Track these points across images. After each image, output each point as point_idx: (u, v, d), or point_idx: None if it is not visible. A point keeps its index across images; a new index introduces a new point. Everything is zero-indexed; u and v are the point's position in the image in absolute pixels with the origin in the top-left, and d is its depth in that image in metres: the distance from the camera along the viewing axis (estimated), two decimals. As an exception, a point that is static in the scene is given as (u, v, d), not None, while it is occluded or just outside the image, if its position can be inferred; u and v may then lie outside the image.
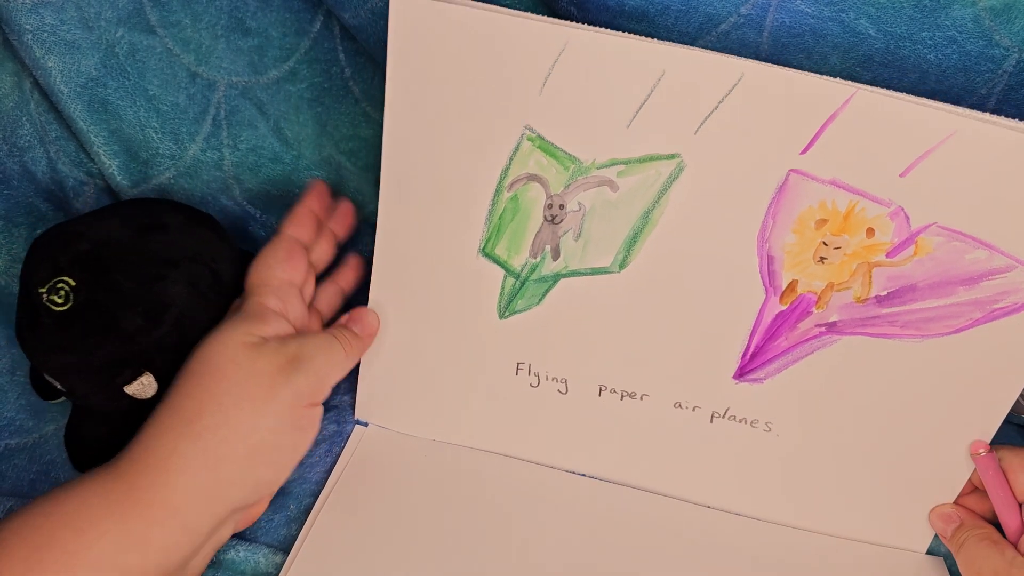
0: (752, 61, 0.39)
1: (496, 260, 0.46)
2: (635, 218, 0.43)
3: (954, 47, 0.44)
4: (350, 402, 0.52)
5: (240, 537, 0.46)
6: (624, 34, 0.40)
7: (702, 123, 0.41)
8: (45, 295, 0.43)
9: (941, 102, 0.39)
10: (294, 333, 0.44)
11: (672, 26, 0.44)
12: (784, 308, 0.44)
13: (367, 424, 0.51)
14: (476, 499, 0.48)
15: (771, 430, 0.47)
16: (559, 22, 0.40)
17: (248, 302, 0.44)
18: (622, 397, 0.48)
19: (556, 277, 0.46)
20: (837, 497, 0.48)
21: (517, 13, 0.41)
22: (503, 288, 0.46)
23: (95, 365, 0.44)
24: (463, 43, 0.41)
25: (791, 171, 0.41)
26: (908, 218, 0.41)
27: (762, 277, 0.43)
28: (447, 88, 0.42)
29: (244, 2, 0.52)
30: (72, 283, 0.44)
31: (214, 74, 0.54)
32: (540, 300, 0.46)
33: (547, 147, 0.43)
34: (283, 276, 0.45)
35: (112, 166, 0.55)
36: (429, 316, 0.48)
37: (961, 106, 0.39)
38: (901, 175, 0.40)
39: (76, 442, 0.48)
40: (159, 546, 0.38)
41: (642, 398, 0.47)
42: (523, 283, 0.46)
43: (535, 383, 0.48)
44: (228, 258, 0.48)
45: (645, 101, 0.41)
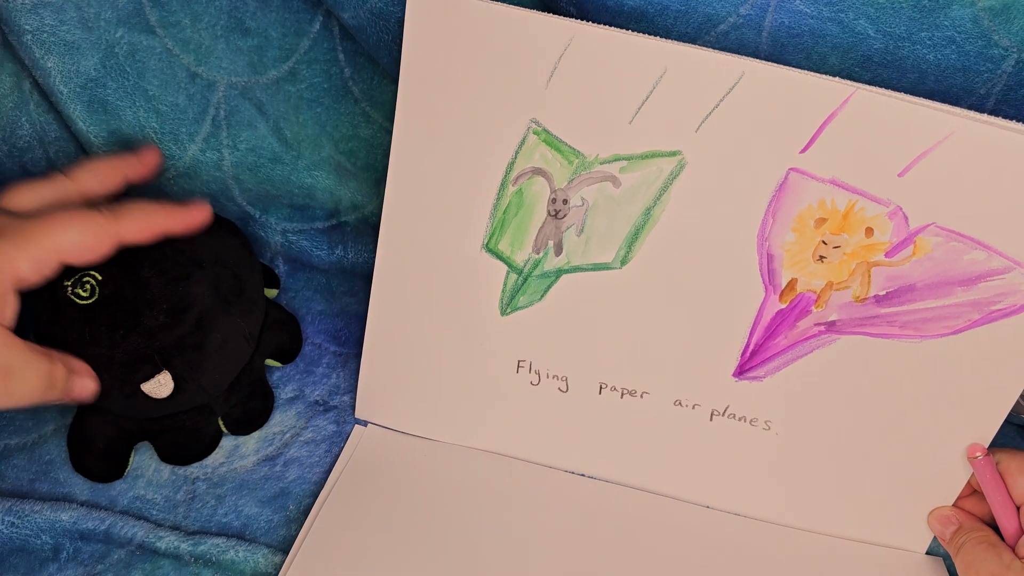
0: (753, 60, 0.40)
1: (499, 256, 0.46)
2: (637, 214, 0.44)
3: (953, 47, 0.44)
4: (350, 402, 0.52)
5: (240, 537, 0.45)
6: (629, 32, 0.41)
7: (703, 121, 0.41)
8: (70, 288, 0.43)
9: (940, 102, 0.39)
10: None
11: (671, 26, 0.45)
12: (784, 306, 0.44)
13: (366, 424, 0.51)
14: (476, 499, 0.48)
15: (770, 428, 0.47)
16: (566, 18, 0.41)
17: None
18: (622, 395, 0.48)
19: (558, 273, 0.46)
20: (836, 496, 0.48)
21: (525, 9, 0.41)
22: (505, 284, 0.46)
23: (116, 359, 0.44)
24: (475, 36, 0.42)
25: (791, 170, 0.42)
26: (907, 218, 0.41)
27: (762, 275, 0.44)
28: (458, 80, 0.43)
29: (244, 2, 0.52)
30: (99, 277, 0.44)
31: (214, 74, 0.54)
32: (542, 296, 0.46)
33: (552, 141, 0.43)
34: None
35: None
36: (431, 313, 0.48)
37: (960, 106, 0.39)
38: (900, 175, 0.41)
39: (79, 442, 0.48)
40: None
41: (642, 396, 0.48)
42: (525, 279, 0.46)
43: (535, 381, 0.48)
44: (248, 264, 0.49)
45: (647, 98, 0.41)
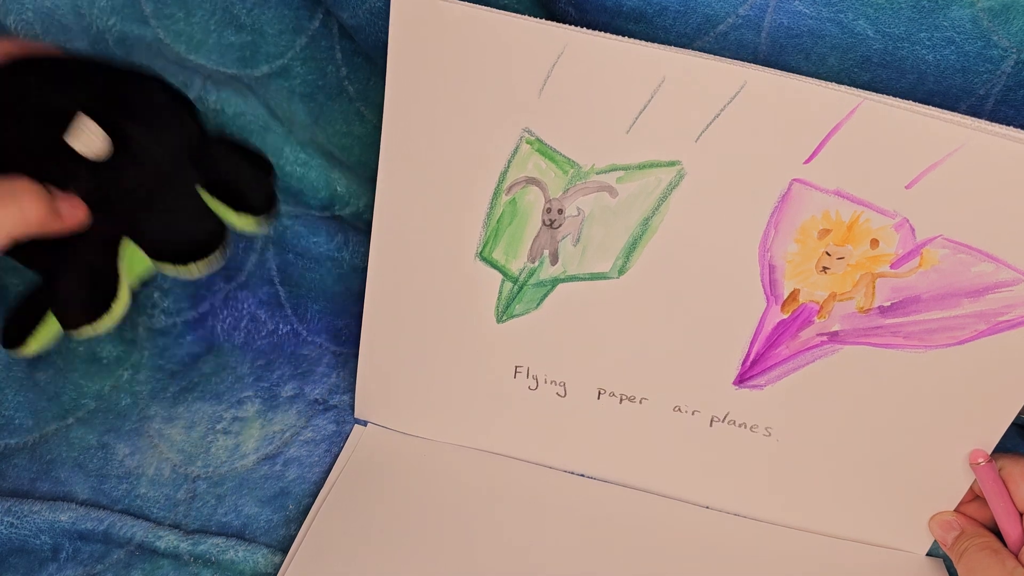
0: (755, 68, 0.38)
1: (494, 264, 0.45)
2: (634, 225, 0.43)
3: (952, 48, 0.43)
4: (349, 402, 0.52)
5: (240, 537, 0.46)
6: (624, 38, 0.39)
7: (703, 131, 0.40)
8: None
9: (948, 112, 0.37)
10: None
11: (670, 27, 0.44)
12: (785, 317, 0.43)
13: (366, 424, 0.51)
14: (475, 499, 0.48)
15: (771, 435, 0.47)
16: (558, 25, 0.39)
17: None
18: (621, 400, 0.47)
19: (554, 282, 0.45)
20: (837, 503, 0.48)
21: (516, 15, 0.40)
22: (501, 292, 0.46)
23: (31, 121, 0.36)
24: (463, 43, 0.40)
25: (794, 180, 0.40)
26: (913, 230, 0.40)
27: (763, 286, 0.43)
28: (446, 88, 0.42)
29: None
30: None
31: (202, 62, 0.53)
32: (538, 305, 0.46)
33: (546, 151, 0.42)
34: None
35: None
36: (426, 319, 0.47)
37: (959, 107, 0.38)
38: (907, 187, 0.39)
39: (63, 288, 0.40)
40: None
41: (641, 402, 0.47)
42: (521, 288, 0.45)
43: (533, 386, 0.48)
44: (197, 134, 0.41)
45: (645, 107, 0.40)
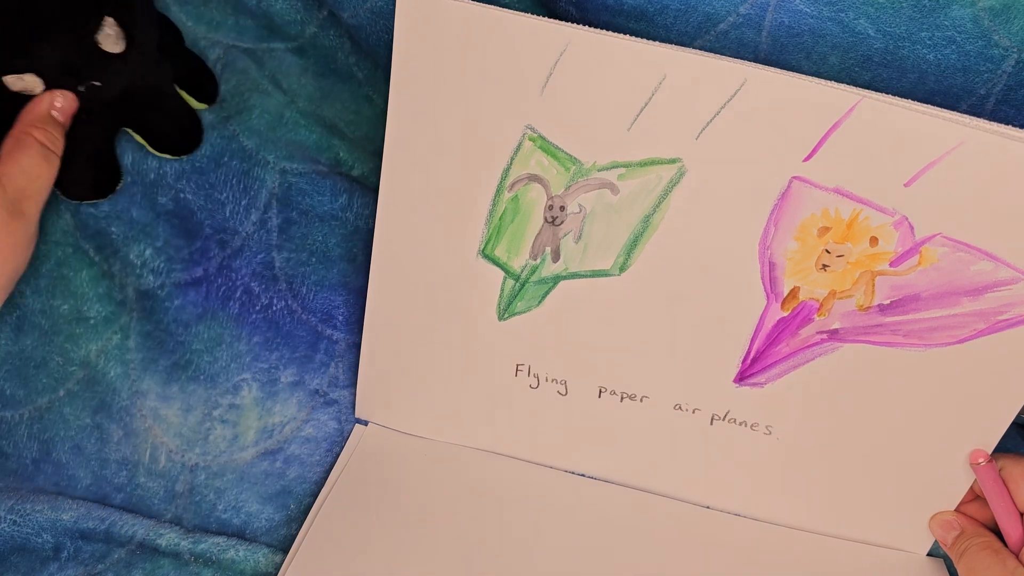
0: (755, 66, 0.39)
1: (496, 262, 0.45)
2: (636, 222, 0.43)
3: (953, 47, 0.43)
4: (349, 398, 0.52)
5: (240, 537, 0.46)
6: (626, 36, 0.39)
7: (704, 128, 0.40)
8: None
9: (948, 111, 0.38)
10: None
11: (671, 25, 0.44)
12: (785, 315, 0.44)
13: (367, 423, 0.51)
14: (476, 499, 0.48)
15: (771, 433, 0.47)
16: (561, 23, 0.40)
17: None
18: (622, 399, 0.47)
19: (556, 279, 0.45)
20: (837, 501, 0.48)
21: (519, 13, 0.40)
22: (503, 290, 0.46)
23: (64, 19, 0.43)
24: (467, 41, 0.41)
25: (794, 178, 0.40)
26: (912, 228, 0.40)
27: (763, 283, 0.43)
28: (450, 85, 0.42)
29: None
30: None
31: (220, 38, 0.55)
32: (540, 302, 0.46)
33: (548, 148, 0.42)
34: None
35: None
36: (428, 317, 0.47)
37: (960, 106, 0.38)
38: (906, 184, 0.39)
39: (64, 169, 0.47)
40: None
41: (642, 400, 0.47)
42: (523, 285, 0.46)
43: (535, 384, 0.48)
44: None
45: (646, 104, 0.40)
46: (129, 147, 0.52)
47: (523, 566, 0.45)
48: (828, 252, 0.42)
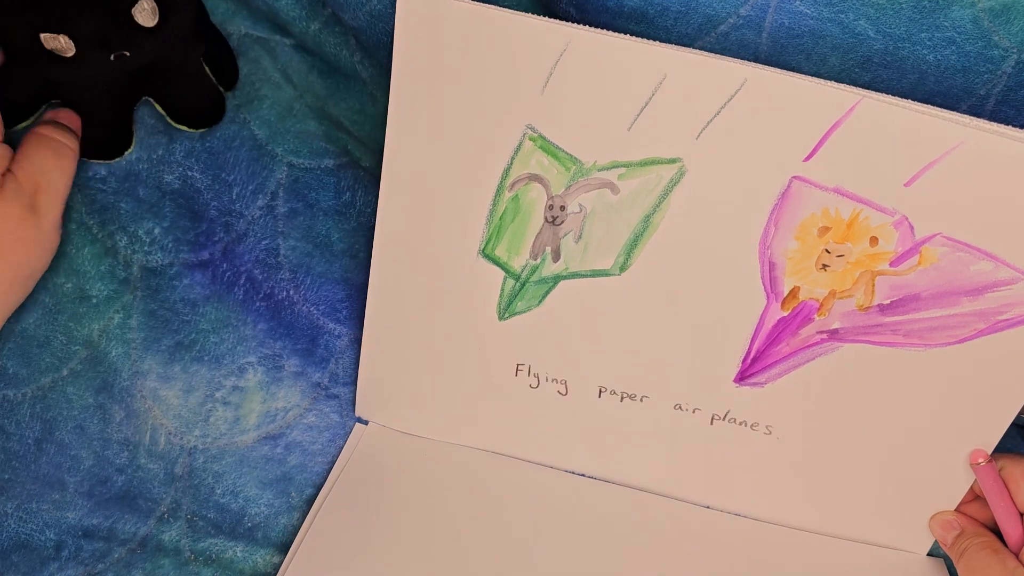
0: (755, 66, 0.39)
1: (496, 261, 0.45)
2: (636, 221, 0.43)
3: (953, 48, 0.43)
4: (350, 395, 0.52)
5: (240, 536, 0.46)
6: (626, 36, 0.39)
7: (704, 128, 0.40)
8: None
9: (947, 111, 0.38)
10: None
11: (671, 27, 0.44)
12: (786, 314, 0.44)
13: (367, 422, 0.51)
14: (476, 499, 0.48)
15: (771, 433, 0.47)
16: (561, 23, 0.40)
17: None
18: (622, 399, 0.48)
19: (556, 279, 0.45)
20: (837, 501, 0.48)
21: (520, 13, 0.40)
22: (503, 289, 0.46)
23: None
24: (467, 40, 0.41)
25: (794, 178, 0.41)
26: (912, 228, 0.40)
27: (763, 283, 0.43)
28: (450, 85, 0.42)
29: None
30: None
31: (234, 27, 0.55)
32: (540, 302, 0.46)
33: (549, 147, 0.43)
34: None
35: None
36: (428, 317, 0.47)
37: (960, 107, 0.38)
38: (906, 184, 0.39)
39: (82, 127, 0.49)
40: None
41: (642, 400, 0.47)
42: (523, 285, 0.46)
43: (535, 384, 0.48)
44: None
45: (646, 104, 0.40)
46: (140, 120, 0.52)
47: (523, 566, 0.45)
48: (828, 252, 0.42)
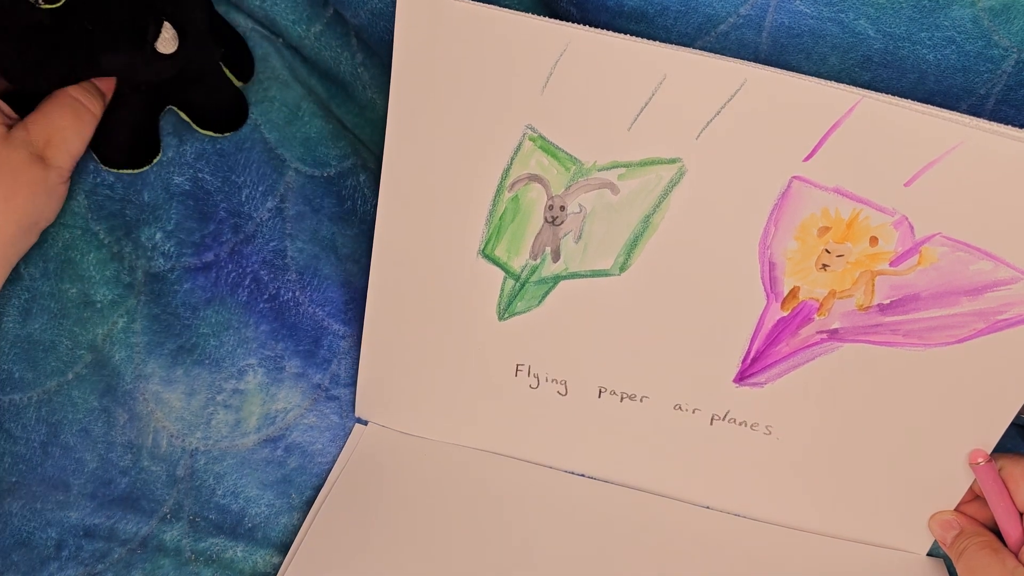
0: (755, 66, 0.39)
1: (496, 262, 0.45)
2: (636, 222, 0.43)
3: (953, 47, 0.43)
4: (350, 396, 0.52)
5: (240, 536, 0.46)
6: (626, 36, 0.39)
7: (704, 128, 0.40)
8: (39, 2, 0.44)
9: (947, 110, 0.38)
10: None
11: (671, 27, 0.44)
12: (785, 314, 0.44)
13: (367, 423, 0.51)
14: (476, 499, 0.48)
15: (771, 433, 0.47)
16: (561, 23, 0.40)
17: None
18: (622, 399, 0.48)
19: (556, 279, 0.45)
20: (837, 501, 0.48)
21: (520, 13, 0.40)
22: (503, 290, 0.46)
23: (123, 27, 0.45)
24: (467, 41, 0.41)
25: (794, 178, 0.41)
26: (912, 228, 0.40)
27: (763, 283, 0.43)
28: (450, 85, 0.42)
29: None
30: None
31: (242, 21, 0.55)
32: (540, 302, 0.46)
33: (548, 147, 0.43)
34: None
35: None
36: (428, 317, 0.47)
37: (960, 106, 0.38)
38: (906, 184, 0.39)
39: (106, 135, 0.49)
40: None
41: (642, 400, 0.47)
42: (523, 285, 0.46)
43: (534, 384, 0.48)
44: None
45: (646, 104, 0.40)
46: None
47: (523, 566, 0.45)
48: (828, 252, 0.42)
